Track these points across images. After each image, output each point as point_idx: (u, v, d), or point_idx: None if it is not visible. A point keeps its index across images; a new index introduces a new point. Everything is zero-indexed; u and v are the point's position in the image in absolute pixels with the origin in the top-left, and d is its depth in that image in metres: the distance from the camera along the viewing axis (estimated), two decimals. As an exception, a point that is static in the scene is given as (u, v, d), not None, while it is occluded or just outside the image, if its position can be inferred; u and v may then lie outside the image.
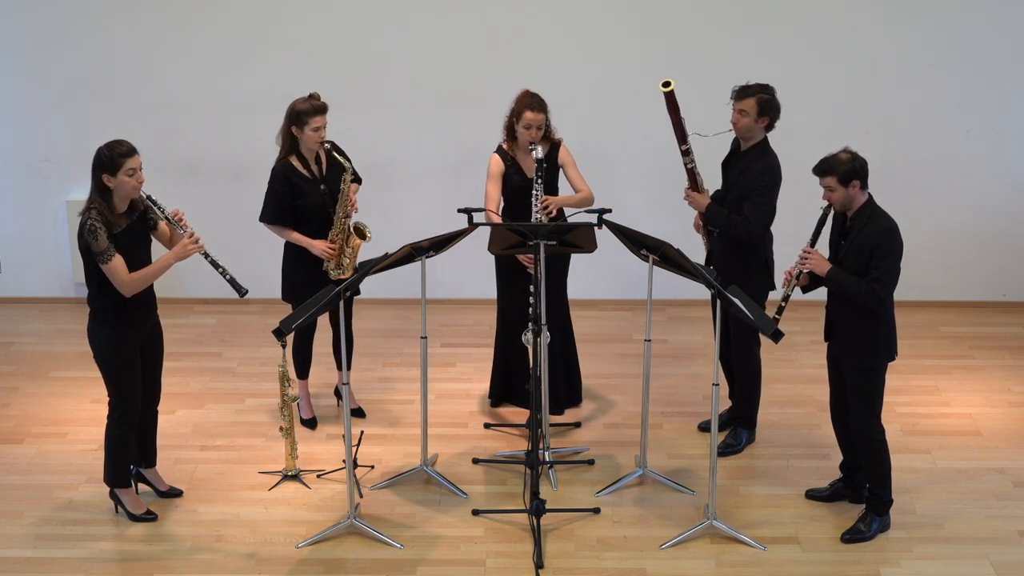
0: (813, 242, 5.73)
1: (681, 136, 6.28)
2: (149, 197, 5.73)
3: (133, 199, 5.70)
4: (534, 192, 6.46)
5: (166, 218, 5.75)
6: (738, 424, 6.69)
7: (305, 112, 6.33)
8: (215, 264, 5.78)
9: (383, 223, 8.08)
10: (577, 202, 6.60)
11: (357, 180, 6.69)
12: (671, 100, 6.21)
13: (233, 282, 5.80)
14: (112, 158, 5.57)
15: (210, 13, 7.98)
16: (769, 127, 6.24)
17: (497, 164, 6.64)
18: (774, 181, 6.23)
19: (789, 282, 5.79)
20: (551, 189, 6.65)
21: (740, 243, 6.31)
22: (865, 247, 5.58)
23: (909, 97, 8.10)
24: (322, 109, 6.37)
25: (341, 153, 6.50)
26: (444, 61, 8.07)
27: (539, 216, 6.46)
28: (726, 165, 6.42)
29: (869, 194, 5.64)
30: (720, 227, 6.32)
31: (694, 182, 6.37)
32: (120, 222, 5.66)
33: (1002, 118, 8.15)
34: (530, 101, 6.48)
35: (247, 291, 5.84)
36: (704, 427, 6.83)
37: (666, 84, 6.17)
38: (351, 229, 6.58)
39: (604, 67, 8.04)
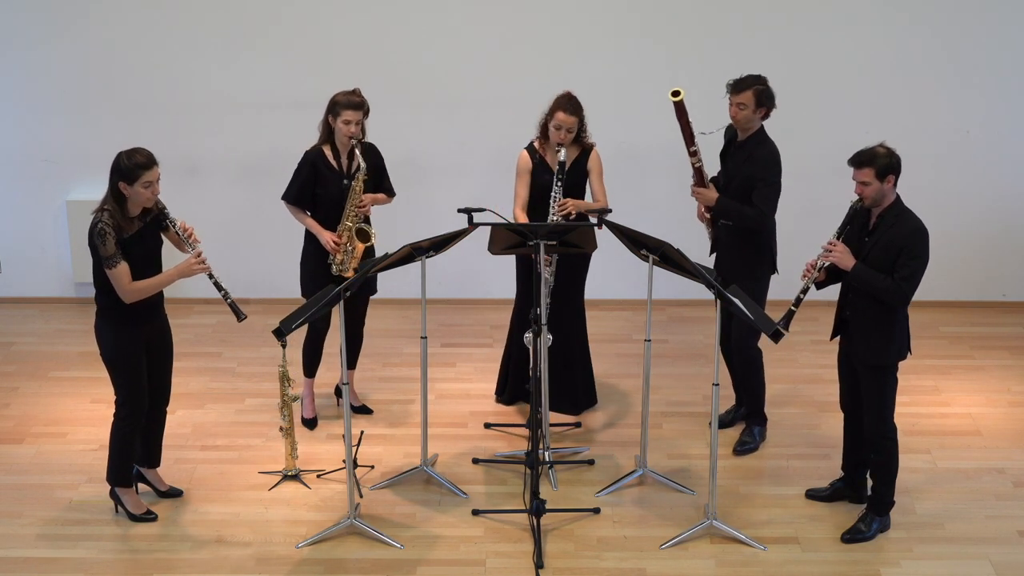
0: (839, 235, 5.66)
1: (689, 139, 6.37)
2: (163, 210, 5.73)
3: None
4: (552, 194, 6.46)
5: (176, 232, 5.76)
6: (750, 422, 6.70)
7: (340, 103, 6.42)
8: (218, 286, 5.78)
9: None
10: (594, 210, 6.56)
11: (387, 192, 6.70)
12: (680, 108, 6.31)
13: (234, 306, 5.80)
14: (131, 168, 5.53)
15: (211, 13, 7.97)
16: (766, 116, 6.32)
17: (525, 161, 6.63)
18: (778, 168, 6.32)
19: (810, 273, 5.72)
20: (578, 192, 6.63)
21: (747, 231, 6.35)
22: (893, 246, 5.51)
23: (909, 97, 8.10)
24: (356, 105, 6.41)
25: (375, 155, 6.55)
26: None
27: (555, 217, 6.46)
28: (724, 155, 6.49)
29: (898, 193, 5.62)
30: (733, 219, 6.36)
31: (700, 179, 6.43)
32: (131, 227, 5.65)
33: (1002, 118, 8.14)
34: (565, 103, 6.45)
35: (246, 316, 5.87)
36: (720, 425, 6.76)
37: (675, 93, 6.29)
38: (354, 231, 6.58)
39: (606, 68, 8.04)
